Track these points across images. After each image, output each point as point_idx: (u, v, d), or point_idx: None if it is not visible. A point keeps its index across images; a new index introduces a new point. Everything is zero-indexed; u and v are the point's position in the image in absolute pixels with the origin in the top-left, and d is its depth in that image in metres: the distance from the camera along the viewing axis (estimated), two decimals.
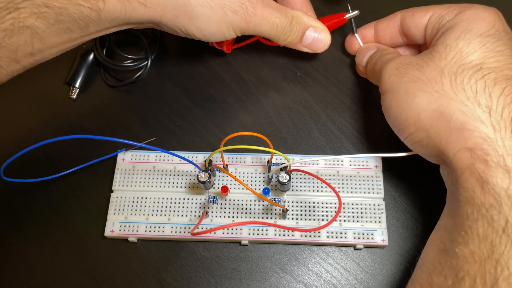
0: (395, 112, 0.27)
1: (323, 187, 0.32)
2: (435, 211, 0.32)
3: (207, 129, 0.35)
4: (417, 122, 0.26)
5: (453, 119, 0.24)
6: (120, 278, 0.30)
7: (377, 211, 0.31)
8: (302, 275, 0.30)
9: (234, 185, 0.32)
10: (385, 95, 0.29)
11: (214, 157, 0.33)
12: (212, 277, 0.30)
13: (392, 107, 0.28)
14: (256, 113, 0.35)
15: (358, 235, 0.30)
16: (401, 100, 0.27)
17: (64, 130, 0.35)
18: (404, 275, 0.30)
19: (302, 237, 0.30)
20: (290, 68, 0.37)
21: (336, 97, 0.36)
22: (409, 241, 0.31)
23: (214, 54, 0.38)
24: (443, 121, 0.25)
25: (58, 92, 0.36)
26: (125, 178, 0.32)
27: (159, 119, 0.35)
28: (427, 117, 0.25)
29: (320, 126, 0.35)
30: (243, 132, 0.30)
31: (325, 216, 0.31)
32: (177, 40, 0.39)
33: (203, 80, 0.37)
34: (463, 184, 0.23)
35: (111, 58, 0.37)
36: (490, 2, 0.29)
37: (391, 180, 0.33)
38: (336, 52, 0.38)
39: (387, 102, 0.28)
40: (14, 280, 0.30)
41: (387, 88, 0.28)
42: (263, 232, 0.30)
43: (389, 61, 0.29)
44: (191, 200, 0.32)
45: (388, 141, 0.34)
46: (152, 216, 0.31)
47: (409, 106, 0.26)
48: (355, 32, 0.35)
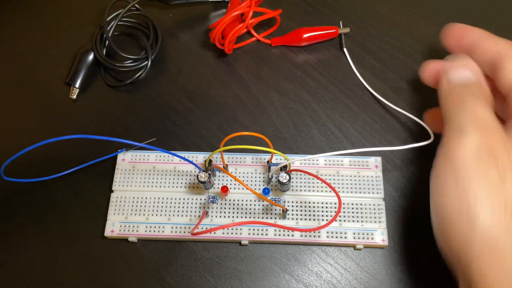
0: (447, 201, 0.21)
1: (323, 187, 0.32)
2: None
3: (207, 129, 0.35)
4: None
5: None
6: (120, 278, 0.30)
7: (377, 211, 0.31)
8: (302, 275, 0.30)
9: (234, 185, 0.32)
10: (446, 165, 0.22)
11: (214, 157, 0.33)
12: (212, 277, 0.30)
13: (446, 194, 0.22)
14: (256, 113, 0.35)
15: (358, 235, 0.30)
16: (461, 196, 0.21)
17: (64, 130, 0.35)
18: (404, 275, 0.30)
19: (302, 237, 0.30)
20: (290, 68, 0.37)
21: (336, 97, 0.36)
22: (409, 241, 0.31)
23: (214, 54, 0.38)
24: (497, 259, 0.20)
25: (58, 92, 0.36)
26: (125, 178, 0.32)
27: (159, 119, 0.35)
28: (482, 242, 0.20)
29: (320, 126, 0.35)
30: (243, 132, 0.30)
31: (325, 216, 0.31)
32: (177, 40, 0.39)
33: (203, 80, 0.37)
34: None
35: (111, 58, 0.37)
36: None
37: (391, 180, 0.33)
38: (336, 52, 0.38)
39: (441, 179, 0.22)
40: (14, 280, 0.30)
41: (456, 162, 0.21)
42: (263, 232, 0.30)
43: (473, 124, 0.22)
44: (191, 200, 0.32)
45: (388, 141, 0.34)
46: (152, 216, 0.31)
47: (467, 211, 0.20)
48: (344, 47, 0.37)
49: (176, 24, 0.40)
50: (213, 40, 0.36)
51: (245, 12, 0.35)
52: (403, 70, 0.37)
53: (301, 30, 0.37)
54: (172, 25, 0.39)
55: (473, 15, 0.40)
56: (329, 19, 0.39)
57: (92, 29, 0.39)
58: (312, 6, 0.40)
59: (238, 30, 0.36)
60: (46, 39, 0.39)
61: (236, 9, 0.35)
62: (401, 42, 0.38)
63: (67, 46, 0.38)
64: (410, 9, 0.40)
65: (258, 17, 0.37)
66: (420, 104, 0.35)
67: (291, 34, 0.38)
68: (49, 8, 0.41)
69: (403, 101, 0.35)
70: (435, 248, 0.31)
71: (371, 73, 0.37)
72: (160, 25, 0.38)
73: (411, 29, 0.39)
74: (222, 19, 0.35)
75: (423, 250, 0.30)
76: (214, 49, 0.38)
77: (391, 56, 0.38)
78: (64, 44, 0.39)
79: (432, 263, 0.30)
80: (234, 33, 0.35)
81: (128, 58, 0.36)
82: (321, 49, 0.38)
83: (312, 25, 0.38)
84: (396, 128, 0.35)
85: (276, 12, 0.37)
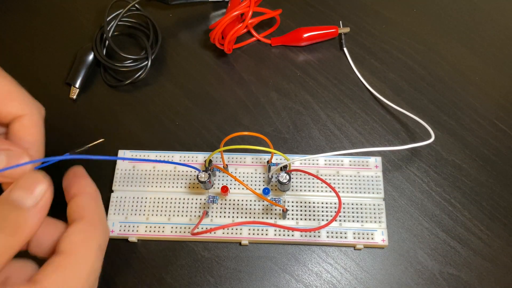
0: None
1: (323, 187, 0.32)
2: (434, 211, 0.32)
3: (207, 129, 0.35)
4: None
5: None
6: (120, 278, 0.30)
7: (377, 211, 0.31)
8: (302, 275, 0.30)
9: (234, 185, 0.32)
10: None
11: (214, 157, 0.33)
12: (212, 277, 0.30)
13: None
14: (256, 113, 0.35)
15: (358, 235, 0.30)
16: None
17: (64, 130, 0.35)
18: (404, 275, 0.30)
19: (302, 237, 0.30)
20: (290, 68, 0.37)
21: (336, 97, 0.36)
22: (409, 241, 0.31)
23: (214, 54, 0.38)
24: None
25: (58, 92, 0.36)
26: (125, 178, 0.32)
27: (159, 119, 0.35)
28: None
29: (320, 126, 0.35)
30: (243, 132, 0.30)
31: (325, 216, 0.31)
32: (177, 40, 0.39)
33: (203, 80, 0.37)
34: None
35: (111, 58, 0.37)
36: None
37: (391, 180, 0.33)
38: (336, 52, 0.38)
39: None
40: None
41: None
42: (263, 232, 0.30)
43: None
44: (191, 200, 0.32)
45: (388, 141, 0.34)
46: (152, 216, 0.31)
47: None
48: (344, 47, 0.37)
49: (176, 24, 0.40)
50: (213, 40, 0.36)
51: (244, 12, 0.35)
52: (403, 70, 0.37)
53: (301, 30, 0.37)
54: (172, 25, 0.39)
55: (474, 15, 0.40)
56: (329, 19, 0.39)
57: (92, 29, 0.39)
58: (312, 6, 0.40)
59: (238, 30, 0.36)
60: (46, 39, 0.39)
61: (236, 9, 0.35)
62: (401, 42, 0.38)
63: (67, 46, 0.38)
64: (410, 9, 0.40)
65: (258, 17, 0.37)
66: (420, 104, 0.35)
67: (291, 34, 0.38)
68: (49, 8, 0.41)
69: (403, 101, 0.35)
70: (435, 248, 0.31)
71: (371, 73, 0.37)
72: (160, 25, 0.38)
73: (411, 29, 0.39)
74: (222, 19, 0.35)
75: (423, 250, 0.30)
76: (214, 49, 0.38)
77: (391, 56, 0.38)
78: (64, 44, 0.39)
79: (432, 263, 0.30)
80: (233, 33, 0.35)
81: (128, 58, 0.36)
82: (321, 49, 0.38)
83: (312, 25, 0.38)
84: (396, 128, 0.35)
85: (276, 12, 0.37)
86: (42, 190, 0.22)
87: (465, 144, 0.34)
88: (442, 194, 0.32)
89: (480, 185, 0.32)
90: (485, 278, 0.30)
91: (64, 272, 0.21)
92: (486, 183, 0.32)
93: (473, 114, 0.35)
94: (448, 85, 0.36)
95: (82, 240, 0.22)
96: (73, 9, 0.41)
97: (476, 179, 0.33)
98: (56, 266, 0.21)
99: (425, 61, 0.37)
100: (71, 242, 0.22)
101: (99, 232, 0.23)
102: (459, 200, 0.32)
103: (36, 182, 0.22)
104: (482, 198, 0.32)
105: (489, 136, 0.34)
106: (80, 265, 0.22)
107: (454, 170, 0.33)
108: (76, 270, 0.22)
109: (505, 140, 0.34)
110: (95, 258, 0.22)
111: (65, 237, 0.22)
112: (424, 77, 0.37)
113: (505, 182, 0.32)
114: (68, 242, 0.22)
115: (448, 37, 0.39)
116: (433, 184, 0.32)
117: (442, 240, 0.31)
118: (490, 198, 0.32)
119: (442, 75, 0.37)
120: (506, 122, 0.35)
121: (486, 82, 0.36)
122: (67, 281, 0.21)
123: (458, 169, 0.33)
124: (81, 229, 0.23)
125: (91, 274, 0.22)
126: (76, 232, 0.22)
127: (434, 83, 0.36)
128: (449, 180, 0.33)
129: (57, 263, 0.21)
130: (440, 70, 0.37)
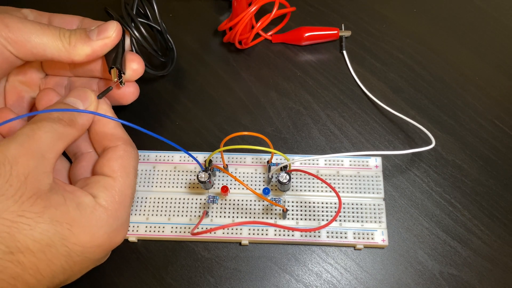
0: None
1: (323, 187, 0.32)
2: (434, 211, 0.32)
3: (207, 129, 0.35)
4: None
5: None
6: (120, 278, 0.30)
7: (377, 211, 0.31)
8: (302, 275, 0.30)
9: (234, 185, 0.32)
10: None
11: (214, 157, 0.33)
12: (212, 277, 0.30)
13: None
14: (256, 113, 0.35)
15: (358, 235, 0.30)
16: None
17: None
18: (404, 275, 0.30)
19: (302, 237, 0.30)
20: (290, 68, 0.37)
21: (336, 97, 0.36)
22: (409, 241, 0.31)
23: (214, 54, 0.38)
24: None
25: None
26: None
27: (159, 119, 0.35)
28: None
29: (320, 126, 0.35)
30: (243, 132, 0.30)
31: (325, 216, 0.31)
32: (177, 40, 0.39)
33: (203, 80, 0.37)
34: None
35: None
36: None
37: (391, 180, 0.33)
38: (337, 52, 0.38)
39: None
40: None
41: None
42: (263, 232, 0.30)
43: None
44: (191, 200, 0.32)
45: (388, 142, 0.34)
46: (152, 216, 0.31)
47: None
48: (343, 49, 0.37)
49: (177, 24, 0.40)
50: (232, 40, 0.36)
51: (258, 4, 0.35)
52: (403, 70, 0.37)
53: (302, 29, 0.37)
54: (172, 25, 0.39)
55: (474, 15, 0.40)
56: (329, 19, 0.39)
57: None
58: (312, 6, 0.40)
59: (265, 21, 0.36)
60: None
61: (257, 2, 0.35)
62: (401, 42, 0.38)
63: None
64: (410, 9, 0.40)
65: (269, 14, 0.36)
66: (420, 103, 0.35)
67: (293, 32, 0.38)
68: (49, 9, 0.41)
69: (403, 101, 0.35)
70: (435, 248, 0.31)
71: (371, 73, 0.37)
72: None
73: (411, 29, 0.39)
74: (244, 15, 0.34)
75: (423, 250, 0.30)
76: (214, 49, 0.38)
77: (391, 56, 0.38)
78: None
79: (432, 263, 0.30)
80: (260, 26, 0.36)
81: None
82: (321, 49, 0.38)
83: (312, 24, 0.38)
84: (396, 127, 0.35)
85: (290, 9, 0.37)
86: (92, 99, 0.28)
87: (465, 144, 0.34)
88: (442, 194, 0.32)
89: (480, 185, 0.32)
90: (485, 278, 0.30)
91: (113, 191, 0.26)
92: (486, 183, 0.32)
93: (473, 114, 0.35)
94: (448, 85, 0.36)
95: (122, 164, 0.27)
96: (73, 9, 0.41)
97: (476, 179, 0.33)
98: (105, 186, 0.26)
99: (425, 61, 0.37)
100: (114, 167, 0.27)
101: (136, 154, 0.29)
102: (459, 200, 0.32)
103: (85, 92, 0.28)
104: (482, 198, 0.32)
105: (489, 136, 0.34)
106: (126, 186, 0.27)
107: (454, 170, 0.33)
108: (124, 189, 0.27)
109: (505, 140, 0.34)
110: (134, 178, 0.28)
111: (107, 161, 0.27)
112: (424, 77, 0.37)
113: (505, 182, 0.32)
114: (111, 167, 0.27)
115: (448, 37, 0.39)
116: (433, 184, 0.32)
117: (442, 240, 0.31)
118: (490, 198, 0.32)
119: (442, 75, 0.37)
120: (506, 122, 0.35)
121: (486, 82, 0.36)
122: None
123: (458, 169, 0.33)
124: (119, 155, 0.27)
125: (133, 194, 0.28)
126: (116, 158, 0.27)
127: (434, 83, 0.36)
128: (449, 180, 0.33)
129: (107, 183, 0.26)
130: (440, 70, 0.37)
